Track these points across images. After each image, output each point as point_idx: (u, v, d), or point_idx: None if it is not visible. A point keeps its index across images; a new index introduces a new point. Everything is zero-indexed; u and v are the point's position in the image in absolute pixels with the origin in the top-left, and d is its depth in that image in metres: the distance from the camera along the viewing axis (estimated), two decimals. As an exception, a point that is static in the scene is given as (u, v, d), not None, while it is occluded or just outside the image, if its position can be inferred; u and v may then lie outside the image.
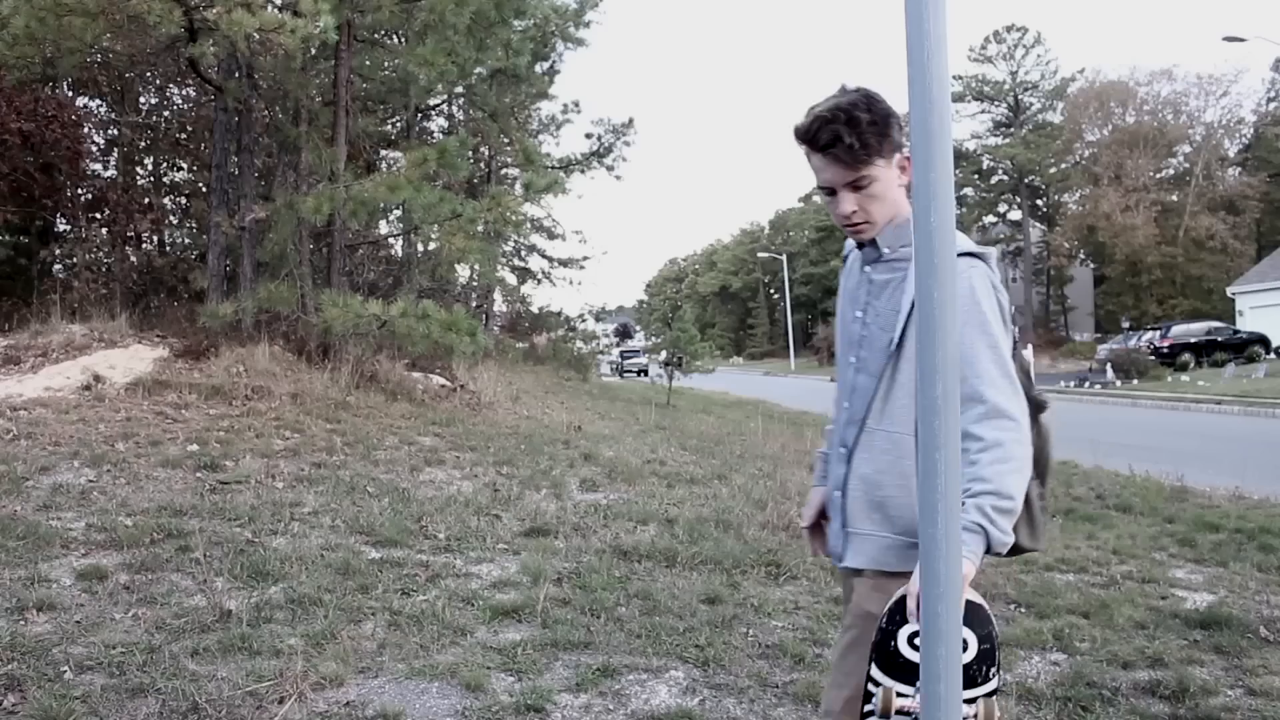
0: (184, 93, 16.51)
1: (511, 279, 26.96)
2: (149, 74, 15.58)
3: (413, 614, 3.75)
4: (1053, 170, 48.00)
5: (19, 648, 3.16)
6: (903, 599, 1.54)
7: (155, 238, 16.09)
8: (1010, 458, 1.57)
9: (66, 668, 3.04)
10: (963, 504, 1.53)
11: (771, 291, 72.19)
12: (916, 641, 1.50)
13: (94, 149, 14.87)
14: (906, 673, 1.51)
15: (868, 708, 1.56)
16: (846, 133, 1.68)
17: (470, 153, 19.17)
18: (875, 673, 1.55)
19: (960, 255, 1.64)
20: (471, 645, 3.48)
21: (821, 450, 2.05)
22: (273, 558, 4.33)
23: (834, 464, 1.88)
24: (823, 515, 1.96)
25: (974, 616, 1.48)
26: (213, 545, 4.44)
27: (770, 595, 4.27)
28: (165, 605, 3.69)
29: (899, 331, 1.70)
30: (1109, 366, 27.38)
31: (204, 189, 14.67)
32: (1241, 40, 24.37)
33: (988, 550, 1.54)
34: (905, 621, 1.53)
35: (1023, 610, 4.13)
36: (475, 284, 22.54)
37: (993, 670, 1.50)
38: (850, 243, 1.91)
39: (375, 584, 4.11)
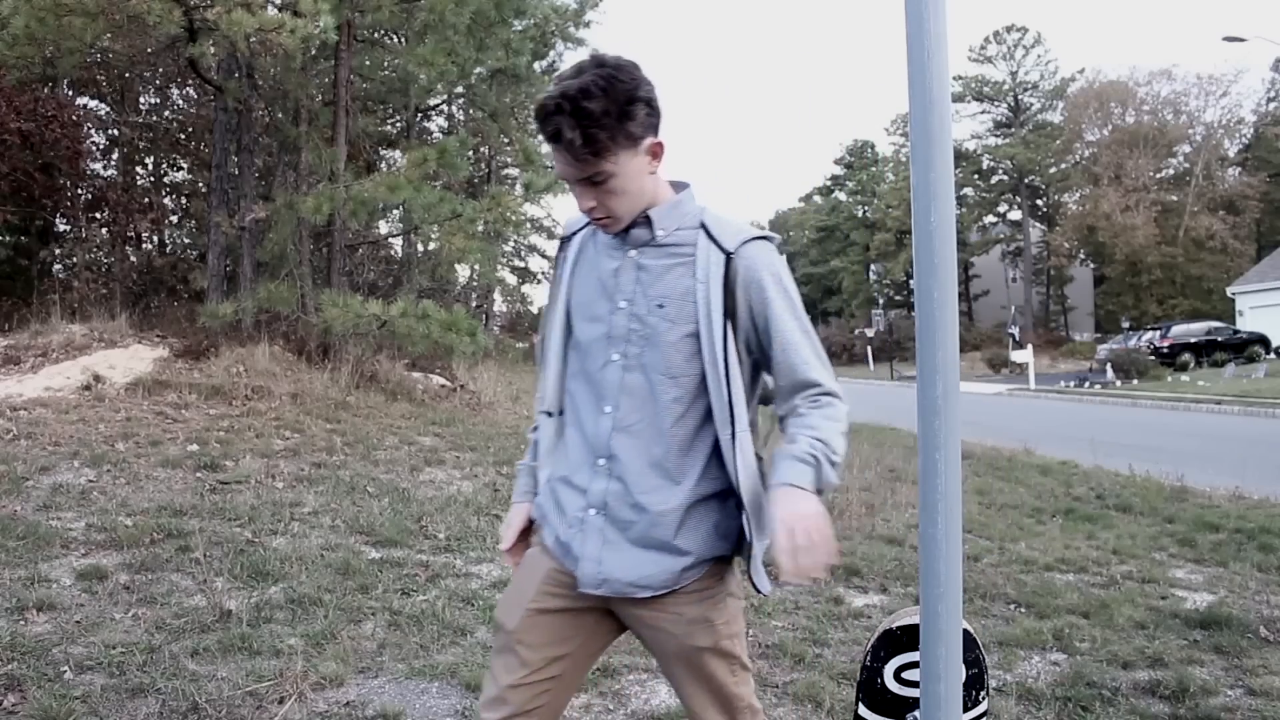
0: (184, 93, 16.56)
1: (511, 279, 27.06)
2: (149, 74, 15.61)
3: (413, 614, 3.74)
4: (1053, 170, 48.04)
5: (19, 648, 3.16)
6: (885, 635, 1.49)
7: (155, 238, 16.13)
8: (838, 419, 1.53)
9: (66, 668, 3.04)
10: (793, 441, 1.49)
11: (772, 291, 71.89)
12: (904, 675, 1.49)
13: (94, 149, 14.90)
14: (895, 708, 1.50)
15: None
16: (569, 128, 1.46)
17: (470, 153, 19.19)
18: (863, 711, 1.54)
19: (755, 240, 1.61)
20: (471, 645, 3.48)
21: (524, 462, 1.79)
22: (273, 558, 4.33)
23: (588, 480, 1.61)
24: (524, 535, 1.75)
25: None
26: (213, 545, 4.45)
27: (770, 595, 4.26)
28: (165, 605, 3.69)
29: (719, 324, 1.55)
30: (1109, 366, 27.40)
31: (204, 189, 14.69)
32: (1241, 40, 24.44)
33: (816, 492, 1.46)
34: (891, 656, 1.50)
35: (1023, 610, 4.13)
36: (475, 284, 22.58)
37: (982, 694, 1.50)
38: (573, 221, 1.72)
39: (375, 584, 4.11)
